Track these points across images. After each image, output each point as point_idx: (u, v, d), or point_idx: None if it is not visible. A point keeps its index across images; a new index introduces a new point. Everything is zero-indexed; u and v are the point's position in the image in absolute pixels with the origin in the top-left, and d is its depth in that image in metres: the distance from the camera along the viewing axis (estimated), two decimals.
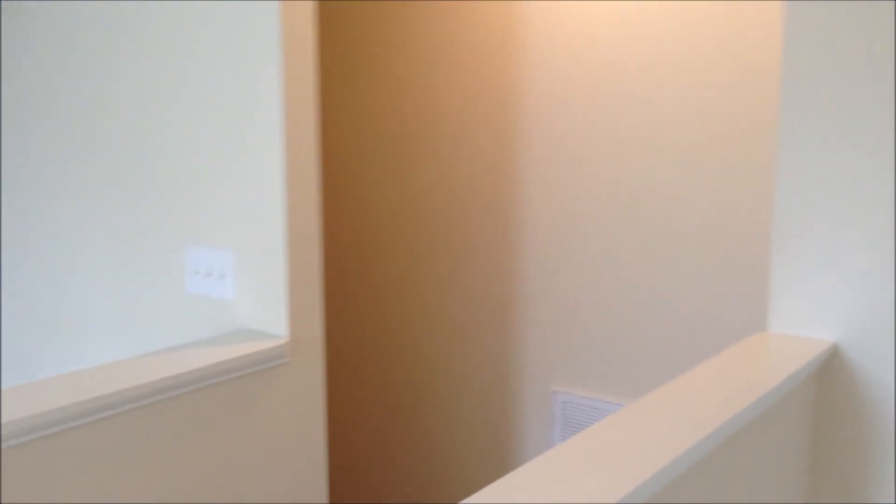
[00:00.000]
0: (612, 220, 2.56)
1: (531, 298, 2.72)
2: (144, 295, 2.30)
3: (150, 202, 2.25)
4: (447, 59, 2.82)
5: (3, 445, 1.52)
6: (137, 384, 1.70)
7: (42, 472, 1.59)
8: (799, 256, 1.81)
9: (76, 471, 1.64)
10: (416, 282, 2.96)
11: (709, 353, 2.45)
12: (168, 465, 1.79)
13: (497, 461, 2.87)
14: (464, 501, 1.06)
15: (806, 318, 1.82)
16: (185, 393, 1.80)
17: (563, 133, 2.62)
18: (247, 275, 2.07)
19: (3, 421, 1.51)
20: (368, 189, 3.03)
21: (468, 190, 2.82)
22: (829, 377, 1.81)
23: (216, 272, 2.13)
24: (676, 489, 1.28)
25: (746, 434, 1.52)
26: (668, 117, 2.45)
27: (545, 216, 2.67)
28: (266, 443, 1.99)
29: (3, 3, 2.53)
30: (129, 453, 1.72)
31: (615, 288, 2.57)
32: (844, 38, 1.73)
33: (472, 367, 2.88)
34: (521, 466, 1.18)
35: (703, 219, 2.42)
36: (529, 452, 2.80)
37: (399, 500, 3.07)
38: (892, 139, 1.70)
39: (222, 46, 2.03)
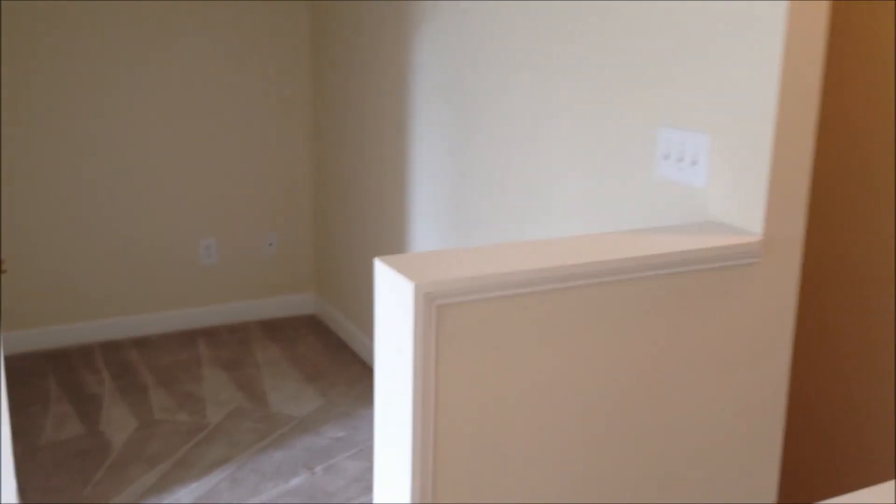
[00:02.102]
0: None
1: None
2: (611, 176, 2.23)
3: (622, 83, 2.14)
4: None
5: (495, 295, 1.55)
6: (614, 259, 1.64)
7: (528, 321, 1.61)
8: None
9: (555, 329, 1.64)
10: None
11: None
12: (633, 342, 1.72)
13: None
14: None
15: None
16: (652, 276, 1.70)
17: None
18: (721, 163, 1.88)
19: (504, 271, 1.53)
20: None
21: None
22: None
23: (688, 157, 1.97)
24: None
25: None
26: None
27: None
28: (727, 348, 1.82)
29: None
30: (601, 322, 1.67)
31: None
32: None
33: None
34: None
35: None
36: None
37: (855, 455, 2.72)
38: None
39: None
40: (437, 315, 1.57)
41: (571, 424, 1.74)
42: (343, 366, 3.77)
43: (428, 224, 3.23)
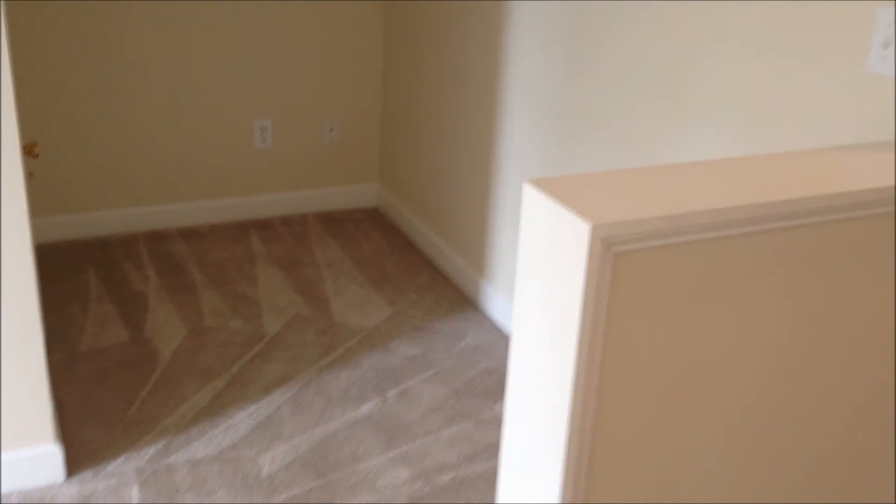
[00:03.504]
0: None
1: None
2: (799, 67, 1.73)
3: None
4: None
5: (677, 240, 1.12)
6: (858, 189, 1.18)
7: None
8: None
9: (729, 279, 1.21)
10: None
11: None
12: (842, 299, 1.28)
13: None
14: None
15: None
16: (882, 213, 1.24)
17: None
18: None
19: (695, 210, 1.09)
20: None
21: None
22: None
23: None
24: None
25: None
26: None
27: None
28: None
29: None
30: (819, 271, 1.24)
31: None
32: None
33: None
34: None
35: None
36: None
37: None
38: None
39: None
40: (613, 265, 1.14)
41: (764, 405, 1.32)
42: (411, 270, 3.37)
43: (522, 116, 2.75)
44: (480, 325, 3.01)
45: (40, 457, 2.13)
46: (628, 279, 1.15)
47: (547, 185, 1.19)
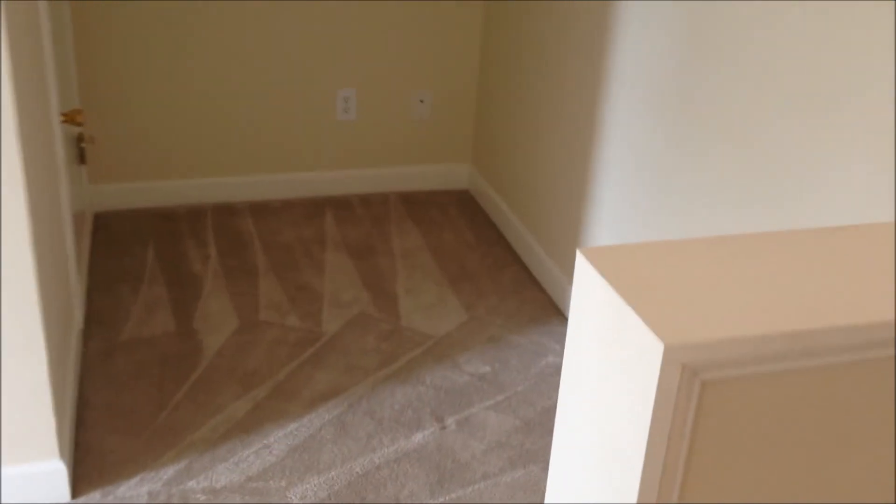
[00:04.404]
0: None
1: None
2: None
3: None
4: None
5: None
6: None
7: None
8: None
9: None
10: None
11: None
12: None
13: None
14: None
15: None
16: None
17: None
18: None
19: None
20: None
21: None
22: None
23: None
24: None
25: None
26: None
27: None
28: None
29: None
30: None
31: None
32: None
33: None
34: None
35: None
36: None
37: None
38: None
39: None
40: (698, 397, 0.75)
41: None
42: (496, 267, 3.00)
43: (628, 115, 2.32)
44: (565, 342, 2.61)
45: (43, 474, 1.89)
46: (716, 413, 0.76)
47: (606, 261, 0.81)
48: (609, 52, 2.39)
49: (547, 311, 2.77)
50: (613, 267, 0.81)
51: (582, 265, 0.83)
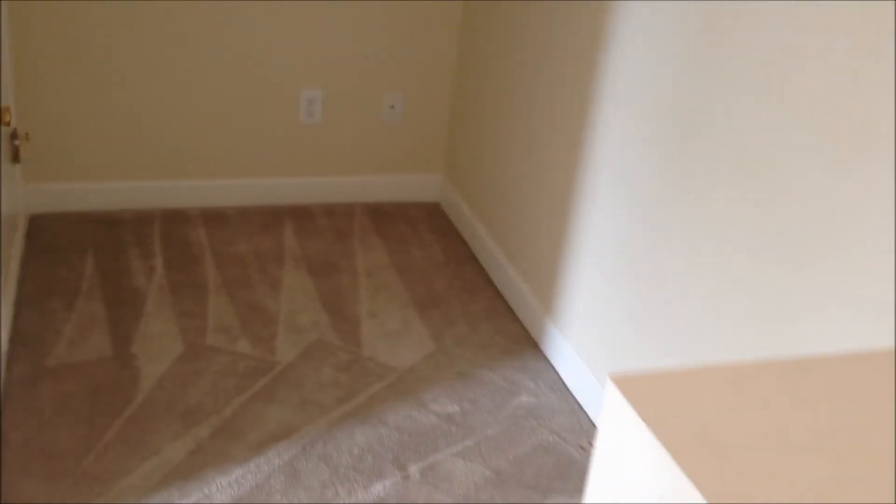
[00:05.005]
0: None
1: None
2: None
3: None
4: None
5: None
6: None
7: None
8: None
9: None
10: None
11: None
12: None
13: None
14: None
15: None
16: None
17: None
18: None
19: None
20: None
21: None
22: None
23: None
24: None
25: None
26: None
27: None
28: None
29: None
30: None
31: None
32: None
33: None
34: None
35: None
36: None
37: None
38: None
39: None
40: None
41: None
42: (467, 290, 2.79)
43: (621, 131, 2.11)
44: (541, 378, 2.41)
45: None
46: None
47: (642, 396, 0.59)
48: (602, 61, 2.18)
49: (521, 343, 2.56)
50: (651, 405, 0.60)
51: (614, 397, 0.61)
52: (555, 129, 2.44)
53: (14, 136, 2.65)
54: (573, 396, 2.35)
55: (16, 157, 2.67)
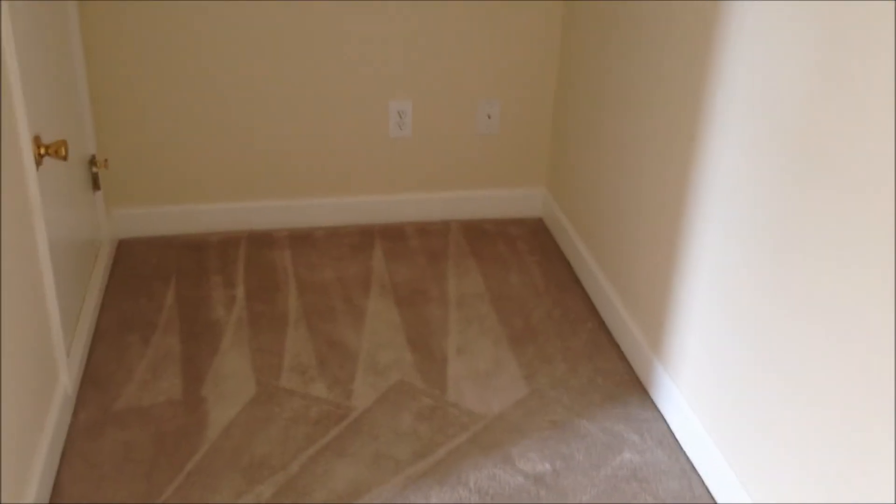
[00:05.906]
0: None
1: None
2: None
3: None
4: None
5: None
6: None
7: None
8: None
9: None
10: None
11: None
12: None
13: None
14: None
15: None
16: None
17: None
18: None
19: None
20: None
21: None
22: None
23: None
24: None
25: None
26: None
27: None
28: None
29: None
30: None
31: None
32: None
33: None
34: None
35: None
36: None
37: None
38: None
39: None
40: None
41: None
42: (567, 322, 2.52)
43: (738, 153, 1.79)
44: (647, 431, 2.12)
45: None
46: None
47: None
48: (718, 67, 1.86)
49: (625, 386, 2.28)
50: None
51: None
52: (666, 141, 2.13)
53: (92, 163, 2.56)
54: (685, 454, 2.05)
55: (95, 185, 2.59)
